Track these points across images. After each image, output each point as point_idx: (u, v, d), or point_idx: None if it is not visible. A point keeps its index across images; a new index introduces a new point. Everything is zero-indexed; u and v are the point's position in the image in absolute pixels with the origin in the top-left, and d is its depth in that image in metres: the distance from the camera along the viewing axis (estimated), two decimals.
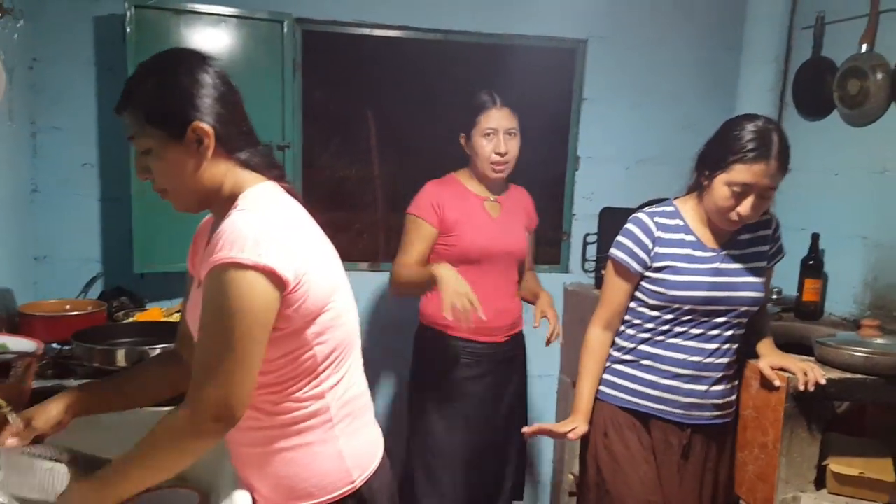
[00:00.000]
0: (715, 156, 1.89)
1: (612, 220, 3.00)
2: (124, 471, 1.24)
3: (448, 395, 2.55)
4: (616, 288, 2.05)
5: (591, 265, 3.20)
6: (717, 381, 2.02)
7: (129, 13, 2.57)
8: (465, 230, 2.47)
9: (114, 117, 1.29)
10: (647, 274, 2.00)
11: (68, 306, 2.51)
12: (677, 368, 1.99)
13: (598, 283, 3.04)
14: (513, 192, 2.66)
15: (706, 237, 2.00)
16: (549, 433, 2.08)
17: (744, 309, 1.98)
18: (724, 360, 2.01)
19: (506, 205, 2.59)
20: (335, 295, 1.32)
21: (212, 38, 2.70)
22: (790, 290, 2.84)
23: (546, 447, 3.43)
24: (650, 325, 2.02)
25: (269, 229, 1.19)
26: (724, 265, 1.97)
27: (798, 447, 2.07)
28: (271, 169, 1.37)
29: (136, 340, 2.18)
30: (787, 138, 1.86)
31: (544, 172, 3.34)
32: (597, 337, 2.09)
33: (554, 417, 3.38)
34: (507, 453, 2.66)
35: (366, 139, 3.35)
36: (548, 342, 2.45)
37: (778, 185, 1.86)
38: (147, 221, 2.65)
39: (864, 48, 2.68)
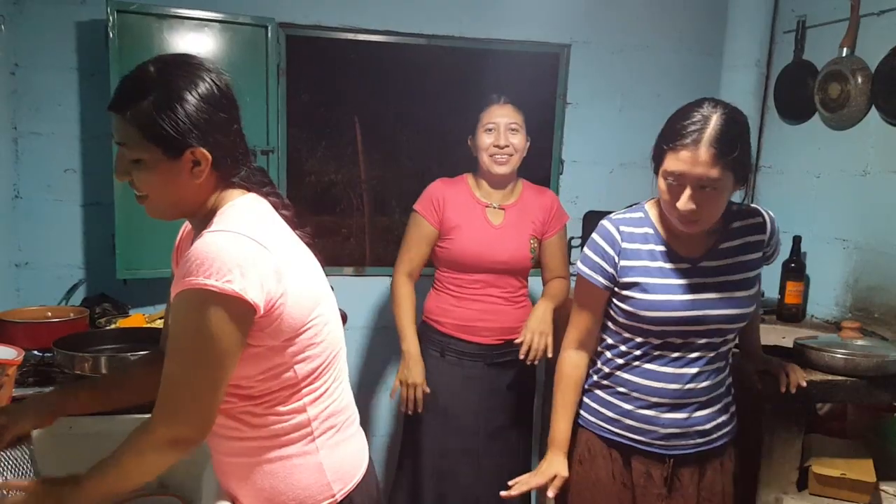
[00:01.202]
0: (656, 146, 1.69)
1: (596, 224, 3.02)
2: (96, 477, 1.24)
3: (432, 393, 2.52)
4: (585, 305, 1.85)
5: (575, 269, 3.20)
6: (702, 407, 1.80)
7: (111, 18, 2.55)
8: (461, 236, 2.48)
9: (97, 123, 1.28)
10: (616, 290, 1.79)
11: (49, 313, 2.49)
12: (653, 397, 1.78)
13: None
14: (526, 198, 2.60)
15: (680, 246, 1.77)
16: (531, 487, 1.87)
17: (727, 327, 1.76)
18: (707, 383, 1.78)
19: (511, 212, 2.55)
20: (317, 310, 1.31)
21: (195, 42, 2.68)
22: (772, 293, 2.86)
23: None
24: (624, 349, 1.81)
25: (239, 252, 1.17)
26: (702, 279, 1.74)
27: (780, 449, 2.08)
28: (262, 186, 1.36)
29: (118, 347, 2.16)
30: (739, 126, 1.62)
31: (529, 176, 3.33)
32: (570, 360, 1.88)
33: (538, 423, 3.38)
34: (520, 467, 2.57)
35: (352, 144, 3.35)
36: (526, 359, 2.40)
37: (720, 177, 1.59)
38: (130, 227, 2.63)
39: (844, 52, 2.70)
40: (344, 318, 1.60)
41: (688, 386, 1.77)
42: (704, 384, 1.78)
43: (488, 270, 2.50)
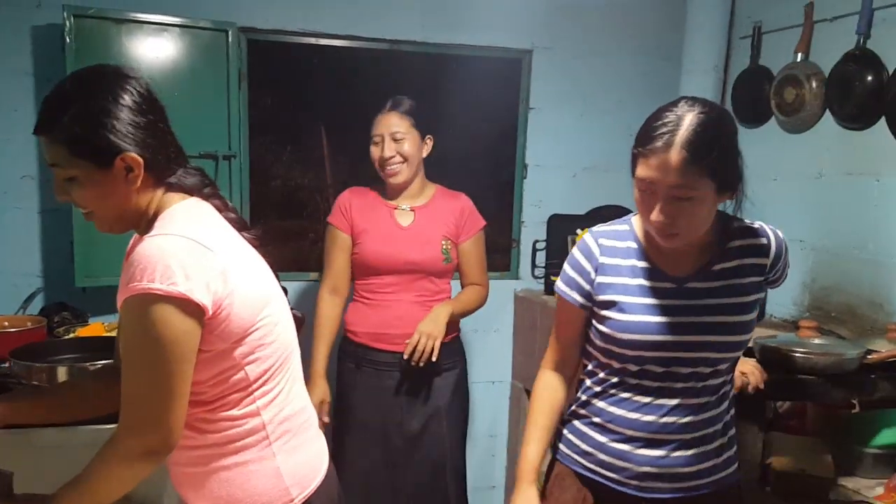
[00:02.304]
0: (632, 151, 1.50)
1: (560, 227, 3.06)
2: (67, 498, 1.21)
3: (350, 407, 2.51)
4: (563, 323, 1.67)
5: (540, 271, 3.23)
6: (683, 446, 1.55)
7: (68, 23, 2.51)
8: (369, 240, 2.46)
9: None
10: (594, 309, 1.59)
11: (6, 323, 2.43)
12: (628, 430, 1.56)
13: (548, 289, 3.08)
14: (438, 200, 2.56)
15: (666, 263, 1.55)
16: None
17: (716, 356, 1.52)
18: (689, 419, 1.54)
19: (422, 213, 2.52)
20: (265, 310, 1.30)
21: (154, 47, 2.65)
22: None
23: (500, 449, 3.44)
24: (602, 375, 1.61)
25: (182, 254, 1.16)
26: (687, 301, 1.52)
27: (741, 446, 2.09)
28: (202, 188, 1.35)
29: (77, 356, 2.12)
30: (718, 125, 1.43)
31: (493, 180, 3.37)
32: (545, 382, 1.69)
33: (507, 425, 3.40)
34: (443, 476, 2.54)
35: (317, 148, 3.33)
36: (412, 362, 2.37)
37: (695, 184, 1.39)
38: (88, 234, 2.58)
39: (799, 57, 2.77)
40: (301, 321, 1.59)
41: (663, 420, 1.54)
42: (685, 420, 1.54)
43: (398, 272, 2.46)
